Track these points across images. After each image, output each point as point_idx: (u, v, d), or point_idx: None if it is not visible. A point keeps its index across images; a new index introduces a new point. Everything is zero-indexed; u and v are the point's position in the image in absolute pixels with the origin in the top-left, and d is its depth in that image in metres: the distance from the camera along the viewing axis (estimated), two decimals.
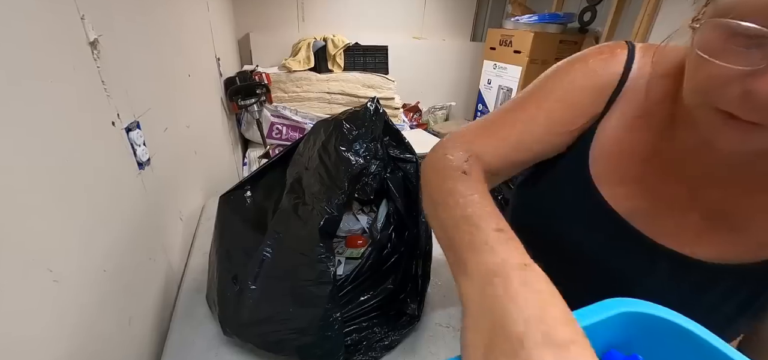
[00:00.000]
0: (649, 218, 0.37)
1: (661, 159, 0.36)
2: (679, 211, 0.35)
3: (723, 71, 0.26)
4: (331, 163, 0.64)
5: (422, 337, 0.66)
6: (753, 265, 0.33)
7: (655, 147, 0.36)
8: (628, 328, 0.32)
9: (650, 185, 0.37)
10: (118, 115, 0.57)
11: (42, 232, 0.38)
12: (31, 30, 0.39)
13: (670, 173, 0.36)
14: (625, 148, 0.38)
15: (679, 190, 0.35)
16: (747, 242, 0.33)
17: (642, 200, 0.37)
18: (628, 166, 0.38)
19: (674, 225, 0.35)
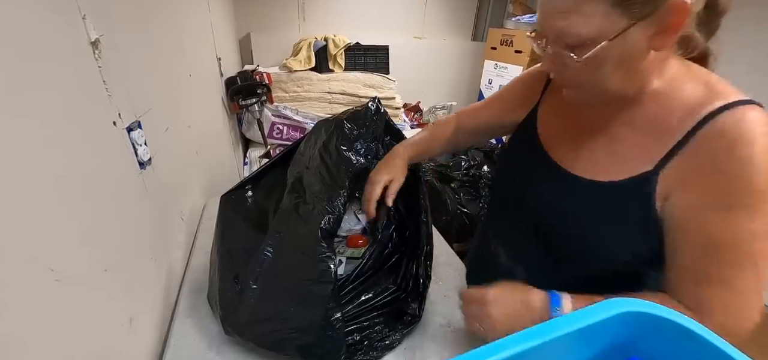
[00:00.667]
0: (570, 158, 0.53)
1: (579, 122, 0.54)
2: (589, 152, 0.51)
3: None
4: (332, 162, 0.64)
5: (423, 336, 0.66)
6: (631, 179, 0.45)
7: (574, 115, 0.55)
8: (630, 327, 0.32)
9: (571, 138, 0.54)
10: (119, 114, 0.57)
11: (43, 232, 0.38)
12: (32, 30, 0.39)
13: (582, 128, 0.53)
14: (555, 116, 0.59)
15: (589, 137, 0.52)
16: (627, 165, 0.46)
17: (566, 148, 0.55)
18: (557, 127, 0.58)
19: (586, 161, 0.51)
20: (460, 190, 1.73)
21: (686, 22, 0.39)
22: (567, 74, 0.46)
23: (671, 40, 0.40)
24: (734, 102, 0.40)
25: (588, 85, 0.46)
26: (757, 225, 0.38)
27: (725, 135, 0.39)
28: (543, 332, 0.28)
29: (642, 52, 0.41)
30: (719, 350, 0.28)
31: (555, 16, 0.42)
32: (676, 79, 0.45)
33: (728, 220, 0.39)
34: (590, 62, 0.41)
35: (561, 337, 0.28)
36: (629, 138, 0.47)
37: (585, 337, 0.30)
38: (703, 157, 0.40)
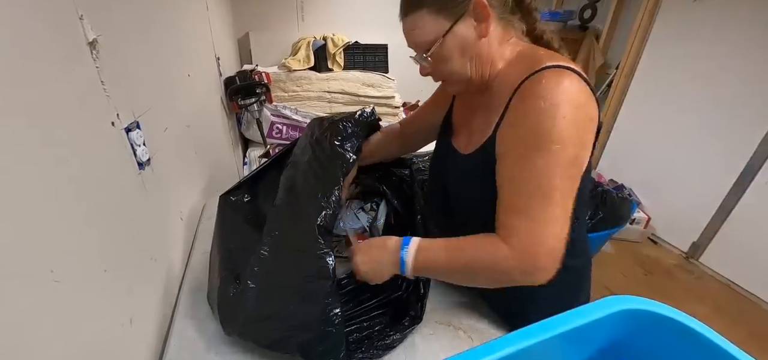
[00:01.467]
0: (463, 141, 0.64)
1: (469, 110, 0.66)
2: (470, 133, 0.63)
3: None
4: (326, 157, 0.64)
5: (424, 336, 0.66)
6: (476, 150, 0.57)
7: (467, 105, 0.67)
8: (628, 324, 0.32)
9: (465, 125, 0.66)
10: (117, 115, 0.57)
11: (43, 233, 0.38)
12: (29, 31, 0.39)
13: (471, 115, 0.64)
14: (461, 110, 0.70)
15: (470, 123, 0.63)
16: (476, 138, 0.58)
17: (463, 134, 0.66)
18: (459, 119, 0.70)
19: (467, 139, 0.63)
20: None
21: (491, 13, 0.51)
22: (435, 74, 0.60)
23: (489, 26, 0.52)
24: (543, 67, 0.49)
25: (450, 77, 0.58)
26: (546, 163, 0.47)
27: (524, 92, 0.50)
28: (537, 332, 0.28)
29: (473, 39, 0.54)
30: (716, 345, 0.28)
31: (408, 34, 0.57)
32: (513, 62, 0.56)
33: (524, 159, 0.48)
34: (439, 58, 0.55)
35: (555, 336, 0.28)
36: (480, 115, 0.60)
37: (580, 336, 0.30)
38: (510, 114, 0.52)
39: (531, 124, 0.47)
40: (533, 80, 0.49)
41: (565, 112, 0.45)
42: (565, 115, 0.45)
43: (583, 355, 0.33)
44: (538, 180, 0.47)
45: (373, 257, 0.59)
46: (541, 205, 0.47)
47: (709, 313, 1.78)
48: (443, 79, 0.61)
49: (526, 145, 0.48)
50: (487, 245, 0.50)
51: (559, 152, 0.46)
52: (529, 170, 0.47)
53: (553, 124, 0.45)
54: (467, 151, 0.61)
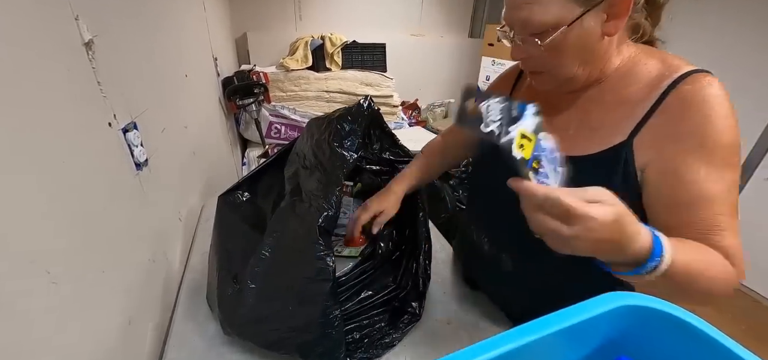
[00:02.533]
0: None
1: (548, 105, 0.55)
2: (560, 131, 0.51)
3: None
4: (326, 159, 0.64)
5: (424, 334, 0.66)
6: (605, 151, 0.49)
7: (543, 101, 0.54)
8: (627, 320, 0.32)
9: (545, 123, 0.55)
10: (114, 116, 0.56)
11: (39, 234, 0.38)
12: (24, 31, 0.38)
13: (552, 112, 0.56)
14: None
15: (560, 120, 0.56)
16: (600, 138, 0.50)
17: None
18: None
19: (560, 139, 0.50)
20: (458, 187, 1.73)
21: (631, 9, 0.44)
22: (533, 62, 0.51)
23: (621, 24, 0.46)
24: (688, 72, 0.45)
25: (553, 71, 0.50)
26: (734, 175, 0.44)
27: (687, 101, 0.44)
28: (536, 328, 0.28)
29: (597, 37, 0.46)
30: (715, 341, 0.28)
31: (518, 7, 0.46)
32: (634, 58, 0.50)
33: (712, 173, 0.44)
34: (552, 48, 0.46)
35: (555, 333, 0.28)
36: (599, 113, 0.52)
37: (579, 333, 0.30)
38: (673, 123, 0.45)
39: (713, 140, 0.43)
40: (695, 86, 0.44)
41: (735, 120, 0.44)
42: (736, 123, 0.44)
43: (582, 351, 0.33)
44: (732, 194, 0.44)
45: (613, 236, 0.35)
46: (737, 223, 0.45)
47: (708, 308, 1.79)
48: (542, 70, 0.52)
49: (713, 160, 0.43)
50: (726, 267, 0.43)
51: (738, 162, 0.45)
52: (723, 187, 0.44)
53: (733, 135, 0.43)
54: (570, 153, 0.48)
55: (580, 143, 0.52)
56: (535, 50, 0.48)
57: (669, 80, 0.46)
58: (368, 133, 0.76)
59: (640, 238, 0.37)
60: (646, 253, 0.37)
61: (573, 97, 0.55)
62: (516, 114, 0.39)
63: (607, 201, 0.36)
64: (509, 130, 0.37)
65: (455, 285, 0.78)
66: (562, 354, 0.32)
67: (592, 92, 0.53)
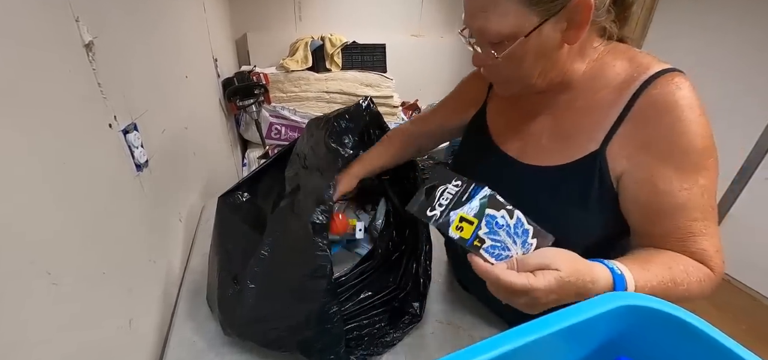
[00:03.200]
0: (518, 148, 0.56)
1: (524, 110, 0.56)
2: (535, 139, 0.54)
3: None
4: (322, 156, 0.64)
5: (424, 334, 0.66)
6: (579, 160, 0.47)
7: (519, 106, 0.57)
8: (627, 320, 0.32)
9: (518, 129, 0.56)
10: (114, 117, 0.56)
11: (40, 236, 0.38)
12: (25, 32, 0.39)
13: (528, 117, 0.56)
14: (502, 112, 0.61)
15: (535, 126, 0.54)
16: (573, 146, 0.48)
17: (515, 139, 0.57)
18: (505, 121, 0.60)
19: (533, 148, 0.53)
20: None
21: (592, 16, 0.41)
22: (491, 70, 0.50)
23: (581, 34, 0.43)
24: (659, 72, 0.44)
25: (513, 80, 0.49)
26: (707, 180, 0.44)
27: (657, 106, 0.43)
28: (535, 329, 0.28)
29: (556, 45, 0.44)
30: (715, 341, 0.28)
31: (476, 14, 0.45)
32: (601, 60, 0.49)
33: (685, 181, 0.43)
34: (510, 58, 0.45)
35: (555, 333, 0.28)
36: (571, 119, 0.50)
37: (579, 333, 0.30)
38: (644, 130, 0.44)
39: (685, 144, 0.42)
40: (664, 90, 0.43)
41: (705, 121, 0.42)
42: (706, 123, 0.42)
43: (581, 351, 0.33)
44: (706, 200, 0.43)
45: (568, 294, 0.38)
46: (714, 222, 0.45)
47: (709, 307, 1.78)
48: (502, 79, 0.51)
49: (685, 166, 0.43)
50: (699, 270, 0.44)
51: (714, 165, 0.43)
52: (696, 193, 0.43)
53: (704, 138, 0.42)
54: (545, 163, 0.51)
55: (554, 153, 0.50)
56: (493, 59, 0.46)
57: (637, 83, 0.44)
58: (368, 132, 0.76)
59: (598, 283, 0.38)
60: (609, 289, 0.39)
61: (545, 102, 0.53)
62: (465, 198, 0.43)
63: (551, 265, 0.37)
64: (450, 214, 0.42)
65: (456, 286, 0.78)
66: (562, 354, 0.32)
67: (563, 97, 0.51)
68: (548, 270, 0.37)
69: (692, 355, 0.30)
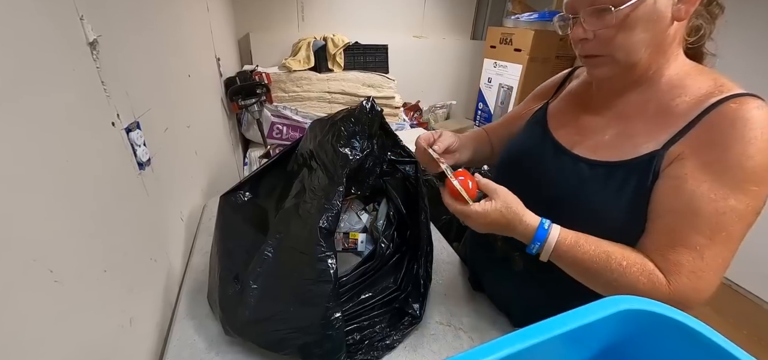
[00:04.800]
0: (575, 142, 0.58)
1: (587, 111, 0.59)
2: (596, 134, 0.56)
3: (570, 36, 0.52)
4: (328, 159, 0.64)
5: (424, 336, 0.66)
6: (639, 158, 0.48)
7: (582, 106, 0.61)
8: (629, 325, 0.32)
9: (579, 125, 0.59)
10: (118, 115, 0.57)
11: (42, 233, 0.38)
12: (30, 30, 0.39)
13: (590, 115, 0.58)
14: (565, 109, 0.64)
15: (598, 123, 0.56)
16: (634, 145, 0.49)
17: (572, 132, 0.59)
18: (566, 116, 0.62)
19: (593, 143, 0.55)
20: None
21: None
22: (596, 43, 0.49)
23: (691, 9, 0.45)
24: (740, 93, 0.44)
25: (616, 53, 0.48)
26: (739, 204, 0.41)
27: (726, 116, 0.42)
28: (536, 332, 0.28)
29: (667, 20, 0.45)
30: (718, 346, 0.28)
31: None
32: (687, 73, 0.49)
33: (714, 191, 0.42)
34: (625, 22, 0.45)
35: (556, 337, 0.28)
36: (638, 121, 0.51)
37: (581, 337, 0.30)
38: (703, 135, 0.44)
39: (734, 157, 0.41)
40: (741, 108, 0.42)
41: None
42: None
43: (583, 355, 0.33)
44: (726, 221, 0.41)
45: (497, 222, 0.50)
46: (719, 249, 0.42)
47: (710, 313, 1.78)
48: (604, 53, 0.49)
49: (722, 178, 0.41)
50: (643, 273, 0.45)
51: (756, 195, 0.41)
52: (716, 204, 0.41)
53: (757, 164, 0.40)
54: (594, 157, 0.53)
55: (615, 149, 0.51)
56: (602, 27, 0.47)
57: (716, 98, 0.44)
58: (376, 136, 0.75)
59: (524, 224, 0.50)
60: (529, 233, 0.49)
61: (615, 102, 0.54)
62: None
63: (491, 195, 0.51)
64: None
65: (456, 287, 0.78)
66: (564, 358, 0.32)
67: (636, 98, 0.52)
68: (487, 200, 0.51)
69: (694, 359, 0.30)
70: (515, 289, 0.66)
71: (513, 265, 0.63)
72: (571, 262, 0.49)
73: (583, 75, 0.66)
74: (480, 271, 0.77)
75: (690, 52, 0.51)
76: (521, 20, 2.40)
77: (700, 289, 0.43)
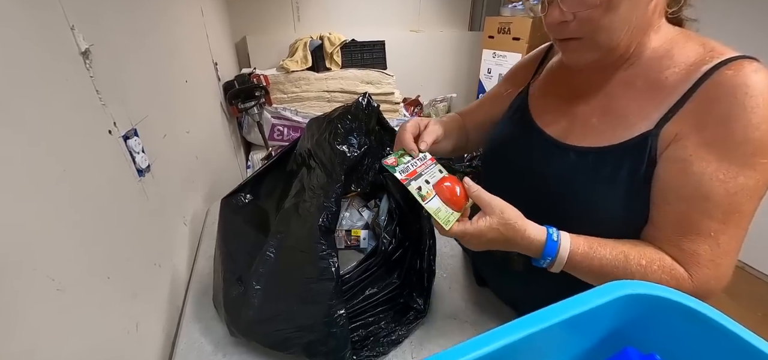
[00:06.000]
0: (563, 130, 0.53)
1: (571, 91, 0.54)
2: (583, 119, 0.51)
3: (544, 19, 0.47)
4: (326, 157, 0.64)
5: (429, 331, 0.66)
6: (630, 141, 0.45)
7: (565, 85, 0.56)
8: (632, 310, 0.31)
9: (564, 110, 0.55)
10: (114, 123, 0.57)
11: (42, 242, 0.38)
12: (18, 43, 0.39)
13: (575, 98, 0.53)
14: (546, 92, 0.60)
15: (583, 106, 0.52)
16: (625, 126, 0.46)
17: (559, 120, 0.55)
18: (549, 102, 0.58)
19: (580, 128, 0.51)
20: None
21: None
22: (575, 25, 0.44)
23: None
24: (732, 57, 0.40)
25: (596, 35, 0.44)
26: (749, 181, 0.38)
27: (723, 85, 0.39)
28: (537, 320, 0.27)
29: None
30: (724, 327, 0.27)
31: None
32: (673, 40, 0.46)
33: (722, 170, 0.39)
34: (609, 1, 0.41)
35: (558, 324, 0.27)
36: (626, 99, 0.47)
37: (583, 323, 0.29)
38: (702, 109, 0.40)
39: (739, 131, 0.38)
40: (738, 74, 0.38)
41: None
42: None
43: (587, 342, 0.32)
44: (738, 201, 0.39)
45: (496, 240, 0.46)
46: (733, 231, 0.40)
47: (722, 296, 1.75)
48: (582, 35, 0.45)
49: (729, 155, 0.38)
50: (664, 270, 0.42)
51: (765, 168, 0.38)
52: (726, 185, 0.39)
53: (764, 133, 0.37)
54: (592, 144, 0.48)
55: (604, 133, 0.48)
56: (583, 8, 0.42)
57: (708, 65, 0.41)
58: (371, 130, 0.75)
59: (529, 238, 0.45)
60: (537, 248, 0.46)
61: (599, 80, 0.51)
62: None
63: (486, 211, 0.46)
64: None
65: (460, 280, 0.78)
66: (567, 345, 0.31)
67: (621, 75, 0.48)
68: (481, 215, 0.46)
69: (703, 344, 0.29)
70: (520, 287, 0.64)
71: (512, 265, 0.60)
72: (586, 270, 0.45)
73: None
74: (482, 269, 0.75)
75: (670, 20, 0.48)
76: (518, 8, 2.37)
77: (721, 276, 0.42)
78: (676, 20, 0.48)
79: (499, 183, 0.60)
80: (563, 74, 0.58)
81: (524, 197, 0.50)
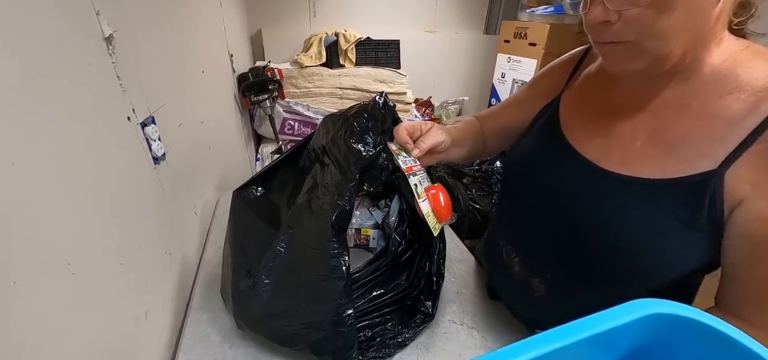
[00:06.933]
0: (600, 150, 0.46)
1: (610, 105, 0.48)
2: (624, 140, 0.45)
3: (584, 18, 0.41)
4: (341, 155, 0.63)
5: (436, 334, 0.65)
6: (688, 178, 0.38)
7: (603, 98, 0.49)
8: (657, 329, 0.30)
9: (600, 126, 0.48)
10: (133, 110, 0.57)
11: (59, 226, 0.38)
12: (46, 26, 0.39)
13: (614, 113, 0.47)
14: (579, 105, 0.53)
15: (623, 126, 0.45)
16: (679, 159, 0.39)
17: (594, 138, 0.48)
18: (582, 116, 0.51)
19: (620, 151, 0.44)
20: (472, 185, 1.70)
21: None
22: (620, 27, 0.38)
23: None
24: None
25: (644, 42, 0.38)
26: None
27: None
28: (559, 337, 0.26)
29: (711, 2, 0.35)
30: (750, 350, 0.26)
31: None
32: (737, 57, 0.39)
33: None
34: (659, 3, 0.35)
35: (580, 341, 0.27)
36: (680, 124, 0.40)
37: (607, 341, 0.28)
38: None
39: None
40: None
41: None
42: None
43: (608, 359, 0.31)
44: None
45: None
46: None
47: None
48: (629, 39, 0.38)
49: None
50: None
51: None
52: None
53: None
54: (636, 173, 0.42)
55: (651, 161, 0.41)
56: (631, 6, 0.36)
57: None
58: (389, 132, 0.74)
59: None
60: None
61: (645, 96, 0.44)
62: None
63: None
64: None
65: (470, 286, 0.77)
66: None
67: (672, 93, 0.41)
68: None
69: None
70: (538, 311, 0.59)
71: (532, 291, 0.55)
72: None
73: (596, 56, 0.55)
74: (498, 287, 0.70)
75: (732, 31, 0.41)
76: (536, 13, 2.33)
77: None
78: (739, 32, 0.41)
79: (522, 202, 0.57)
80: (601, 84, 0.51)
81: (551, 223, 0.46)
